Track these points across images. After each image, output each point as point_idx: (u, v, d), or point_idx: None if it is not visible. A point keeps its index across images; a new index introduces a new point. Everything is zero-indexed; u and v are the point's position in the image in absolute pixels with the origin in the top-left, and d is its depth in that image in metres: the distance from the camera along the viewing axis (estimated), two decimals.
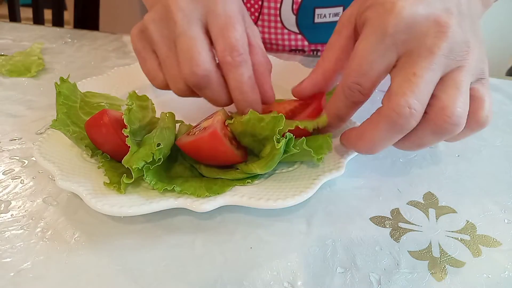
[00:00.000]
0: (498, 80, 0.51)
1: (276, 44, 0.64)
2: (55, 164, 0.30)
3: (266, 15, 0.60)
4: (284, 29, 0.61)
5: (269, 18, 0.61)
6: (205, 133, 0.29)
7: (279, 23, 0.60)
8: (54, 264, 0.26)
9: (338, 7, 0.58)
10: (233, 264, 0.26)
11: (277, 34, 0.62)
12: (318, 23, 0.60)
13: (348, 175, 0.34)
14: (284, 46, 0.63)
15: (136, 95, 0.36)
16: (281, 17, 0.60)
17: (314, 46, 0.63)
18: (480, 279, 0.25)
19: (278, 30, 0.61)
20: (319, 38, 0.62)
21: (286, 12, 0.59)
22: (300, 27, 0.61)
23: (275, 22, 0.61)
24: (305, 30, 0.61)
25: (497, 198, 0.32)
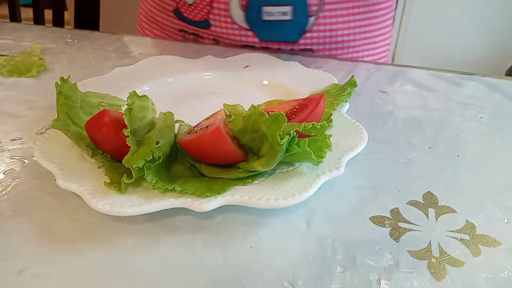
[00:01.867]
0: (498, 80, 0.51)
1: (228, 39, 0.64)
2: (55, 164, 0.30)
3: (216, 10, 0.61)
4: (235, 25, 0.61)
5: (219, 13, 0.61)
6: (208, 130, 0.29)
7: (229, 19, 0.61)
8: (54, 264, 0.26)
9: (286, 6, 0.58)
10: (233, 263, 0.26)
11: (227, 29, 0.62)
12: (266, 21, 0.60)
13: (348, 174, 0.34)
14: (236, 41, 0.63)
15: (137, 95, 0.36)
16: (231, 13, 0.60)
17: (265, 44, 0.63)
18: (480, 278, 0.25)
19: (228, 25, 0.61)
20: (269, 35, 0.62)
21: (234, 8, 0.59)
22: (250, 24, 0.61)
23: (225, 17, 0.61)
24: (255, 27, 0.61)
25: (497, 198, 0.32)
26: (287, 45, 0.62)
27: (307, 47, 0.62)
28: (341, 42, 0.63)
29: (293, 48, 0.63)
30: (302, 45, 0.62)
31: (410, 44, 1.78)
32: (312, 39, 0.61)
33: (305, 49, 0.63)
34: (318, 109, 0.33)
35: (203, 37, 0.66)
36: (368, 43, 0.65)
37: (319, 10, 0.59)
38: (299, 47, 0.62)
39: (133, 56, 0.58)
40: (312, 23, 0.60)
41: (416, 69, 0.55)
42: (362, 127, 0.35)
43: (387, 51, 0.70)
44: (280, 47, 0.63)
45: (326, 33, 0.61)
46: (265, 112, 0.30)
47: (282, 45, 0.62)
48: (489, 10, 1.64)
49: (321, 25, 0.60)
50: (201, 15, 0.62)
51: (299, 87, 0.45)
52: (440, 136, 0.40)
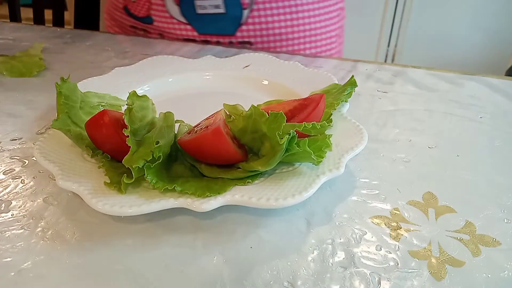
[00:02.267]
0: (498, 80, 0.51)
1: (171, 33, 0.65)
2: (55, 164, 0.30)
3: (155, 5, 0.62)
4: (173, 19, 0.63)
5: (157, 8, 0.63)
6: (208, 130, 0.29)
7: (167, 13, 0.62)
8: (54, 263, 0.26)
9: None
10: (233, 263, 0.26)
11: (168, 24, 0.63)
12: (201, 14, 0.61)
13: (348, 174, 0.34)
14: (177, 35, 0.65)
15: (137, 95, 0.36)
16: (167, 8, 0.61)
17: (204, 37, 0.64)
18: (480, 278, 0.25)
19: (168, 20, 0.63)
20: (206, 29, 0.63)
21: (169, 3, 0.61)
22: (187, 18, 0.62)
23: (163, 12, 0.62)
24: (192, 21, 0.62)
25: (497, 198, 0.32)
26: (225, 38, 0.64)
27: (244, 39, 0.63)
28: (279, 34, 0.63)
29: (232, 41, 0.64)
30: (240, 38, 0.63)
31: (410, 44, 1.78)
32: (249, 32, 0.62)
33: (243, 41, 0.64)
34: (318, 109, 0.33)
35: (150, 32, 0.67)
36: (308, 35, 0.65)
37: (253, 3, 0.60)
38: (237, 39, 0.63)
39: (133, 56, 0.58)
40: (247, 16, 0.61)
41: (416, 69, 0.55)
42: (362, 127, 0.35)
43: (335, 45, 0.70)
44: (219, 40, 0.64)
45: (262, 25, 0.62)
46: (265, 112, 0.30)
47: (220, 38, 0.64)
48: (489, 10, 1.64)
49: (256, 17, 0.61)
50: (144, 11, 0.65)
51: (299, 87, 0.45)
52: (440, 136, 0.40)
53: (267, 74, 0.48)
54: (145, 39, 0.66)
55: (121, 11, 0.70)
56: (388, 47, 1.83)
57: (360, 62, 0.57)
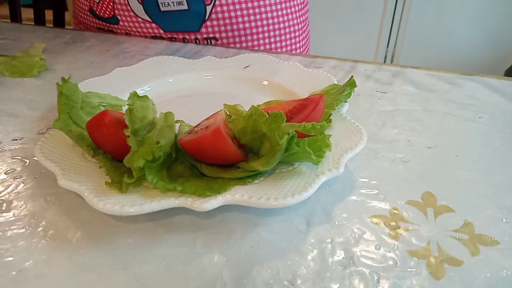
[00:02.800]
0: (498, 81, 0.51)
1: (137, 32, 0.66)
2: (56, 164, 0.30)
3: (119, 5, 0.63)
4: (138, 18, 0.63)
5: (121, 8, 0.63)
6: (208, 130, 0.29)
7: (132, 12, 0.62)
8: (55, 263, 0.26)
9: None
10: (233, 263, 0.26)
11: (134, 23, 0.64)
12: (165, 12, 0.61)
13: (347, 174, 0.34)
14: (144, 33, 0.65)
15: (137, 95, 0.36)
16: (131, 7, 0.62)
17: (170, 34, 0.64)
18: (478, 278, 0.25)
19: (133, 19, 0.63)
20: (171, 26, 0.64)
21: (133, 1, 0.61)
22: (151, 16, 0.62)
23: (128, 11, 0.63)
24: (156, 19, 0.63)
25: (495, 198, 0.32)
26: (190, 35, 0.64)
27: (210, 35, 0.64)
28: (243, 29, 0.64)
29: (197, 38, 0.64)
30: (205, 34, 0.64)
31: (410, 44, 1.79)
32: (213, 27, 0.63)
33: (208, 37, 0.64)
34: (317, 109, 0.33)
35: (117, 33, 0.68)
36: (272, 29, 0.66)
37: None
38: (202, 36, 0.64)
39: (133, 56, 0.59)
40: (210, 11, 0.61)
41: (415, 69, 0.55)
42: (361, 127, 0.35)
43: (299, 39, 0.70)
44: (185, 36, 0.64)
45: (226, 20, 0.62)
46: (265, 113, 0.30)
47: (186, 34, 0.64)
48: (488, 10, 1.64)
49: (219, 13, 0.62)
50: (109, 12, 0.65)
51: (299, 87, 0.45)
52: (439, 136, 0.40)
53: (267, 74, 0.49)
54: (145, 39, 0.66)
55: (86, 13, 0.70)
56: (387, 48, 1.83)
57: (359, 63, 0.57)
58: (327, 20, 1.78)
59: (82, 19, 0.72)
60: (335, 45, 1.83)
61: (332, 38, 1.81)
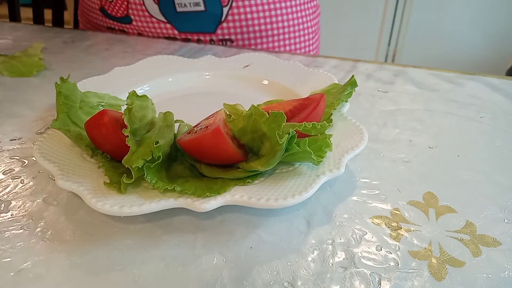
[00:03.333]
0: (498, 80, 0.51)
1: (150, 32, 0.65)
2: (55, 164, 0.30)
3: (133, 4, 0.62)
4: (153, 18, 0.63)
5: (136, 8, 0.63)
6: (208, 130, 0.29)
7: (146, 12, 0.62)
8: (54, 264, 0.26)
9: None
10: (233, 264, 0.26)
11: (148, 23, 0.64)
12: (181, 12, 0.61)
13: (348, 174, 0.34)
14: (158, 34, 0.65)
15: (136, 94, 0.36)
16: (146, 7, 0.62)
17: (185, 35, 0.64)
18: (480, 279, 0.25)
19: (147, 19, 0.63)
20: (186, 27, 0.63)
21: (148, 2, 0.61)
22: (166, 16, 0.62)
23: (142, 11, 0.63)
24: (171, 19, 0.63)
25: (497, 198, 0.32)
26: (205, 36, 0.64)
27: (225, 37, 0.64)
28: (259, 31, 0.64)
29: (213, 39, 0.64)
30: (220, 35, 0.64)
31: (410, 44, 1.78)
32: (229, 29, 0.63)
33: (223, 39, 0.64)
34: (318, 109, 0.33)
35: (128, 33, 0.68)
36: (287, 32, 0.66)
37: (232, 0, 0.60)
38: (217, 37, 0.64)
39: (132, 55, 0.58)
40: (227, 13, 0.61)
41: (416, 68, 0.55)
42: (362, 127, 0.35)
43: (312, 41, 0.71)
44: (200, 37, 0.64)
45: (242, 22, 0.62)
46: (265, 112, 0.30)
47: (201, 35, 0.64)
48: (490, 10, 1.64)
49: (236, 14, 0.62)
50: (122, 11, 0.65)
51: (299, 87, 0.45)
52: (440, 136, 0.40)
53: (267, 74, 0.48)
54: (145, 39, 0.65)
55: (97, 13, 0.70)
56: (389, 47, 1.83)
57: (360, 62, 0.57)
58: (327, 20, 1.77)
59: (91, 19, 0.72)
60: (336, 45, 1.82)
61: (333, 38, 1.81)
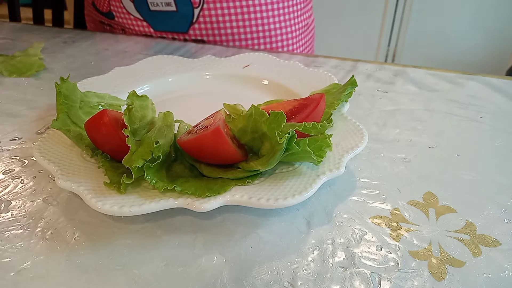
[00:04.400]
0: (498, 80, 0.51)
1: (130, 28, 0.67)
2: (55, 164, 0.30)
3: (113, 1, 0.64)
4: (131, 16, 0.64)
5: (116, 4, 0.64)
6: (208, 130, 0.29)
7: (124, 10, 0.64)
8: (54, 264, 0.26)
9: None
10: (233, 264, 0.26)
11: (127, 20, 0.65)
12: (155, 11, 0.63)
13: (348, 174, 0.34)
14: (136, 31, 0.66)
15: (136, 94, 0.36)
16: (123, 4, 0.63)
17: (160, 34, 0.65)
18: (480, 279, 0.25)
19: (126, 16, 0.65)
20: (161, 26, 0.65)
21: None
22: (142, 14, 0.64)
23: (121, 8, 0.64)
24: (147, 17, 0.64)
25: (497, 198, 0.32)
26: (179, 35, 0.65)
27: (197, 37, 0.65)
28: (231, 34, 0.64)
29: (186, 39, 0.65)
30: (193, 36, 0.65)
31: (410, 44, 1.78)
32: (201, 30, 0.64)
33: (196, 39, 0.65)
34: (318, 109, 0.33)
35: (114, 27, 0.69)
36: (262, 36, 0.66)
37: (203, 2, 0.61)
38: (190, 37, 0.65)
39: (132, 55, 0.58)
40: (198, 14, 0.62)
41: (416, 69, 0.55)
42: (362, 127, 0.35)
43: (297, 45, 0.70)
44: (174, 37, 0.65)
45: (214, 24, 0.63)
46: (265, 112, 0.30)
47: (175, 35, 0.65)
48: (489, 10, 1.64)
49: (207, 16, 0.62)
50: (106, 7, 0.67)
51: (299, 87, 0.45)
52: (440, 136, 0.40)
53: (267, 74, 0.48)
54: (145, 39, 0.65)
55: (90, 6, 0.72)
56: (389, 47, 1.83)
57: (360, 62, 0.57)
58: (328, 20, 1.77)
59: (88, 12, 0.74)
60: (336, 45, 1.82)
61: (333, 38, 1.81)
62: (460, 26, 1.70)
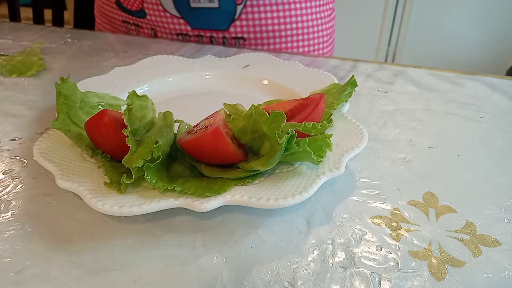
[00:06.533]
0: (498, 80, 0.51)
1: (164, 27, 0.65)
2: (55, 164, 0.30)
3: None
4: (166, 13, 0.63)
5: (151, 1, 0.63)
6: (208, 130, 0.29)
7: (160, 7, 0.62)
8: (54, 264, 0.26)
9: None
10: (233, 263, 0.26)
11: (161, 18, 0.64)
12: (195, 8, 0.61)
13: (348, 174, 0.34)
14: (170, 30, 0.65)
15: (136, 94, 0.36)
16: (160, 1, 0.62)
17: (197, 32, 0.64)
18: (480, 279, 0.25)
19: (161, 13, 0.63)
20: (199, 23, 0.63)
21: None
22: (180, 11, 0.62)
23: (156, 5, 0.62)
24: (185, 15, 0.63)
25: (497, 198, 0.32)
26: (218, 33, 0.64)
27: (238, 35, 0.64)
28: (272, 31, 0.64)
29: (225, 36, 0.64)
30: (233, 33, 0.64)
31: (410, 43, 1.78)
32: (242, 27, 0.63)
33: (236, 37, 0.64)
34: (318, 109, 0.33)
35: (142, 27, 0.68)
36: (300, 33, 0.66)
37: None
38: (230, 35, 0.64)
39: (132, 55, 0.58)
40: (240, 11, 0.61)
41: (416, 68, 0.55)
42: (362, 127, 0.35)
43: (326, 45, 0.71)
44: (213, 35, 0.64)
45: (255, 21, 0.63)
46: (265, 112, 0.30)
47: (214, 32, 0.64)
48: (489, 10, 1.64)
49: (249, 13, 0.62)
50: (137, 5, 0.65)
51: (299, 87, 0.45)
52: (440, 136, 0.40)
53: (267, 74, 0.48)
54: (144, 39, 0.65)
55: (112, 6, 0.70)
56: (388, 47, 1.83)
57: (360, 62, 0.57)
58: None
59: (107, 12, 0.72)
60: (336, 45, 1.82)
61: None
62: (460, 26, 1.70)
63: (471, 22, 1.68)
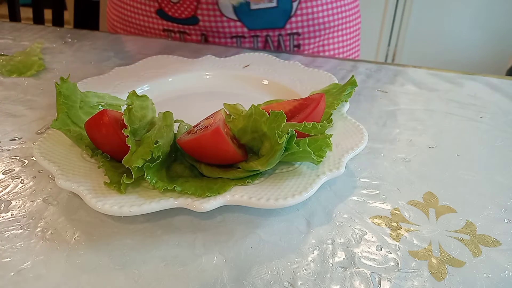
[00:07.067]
0: (498, 80, 0.51)
1: (217, 31, 0.65)
2: (55, 164, 0.30)
3: (204, 4, 0.63)
4: (223, 17, 0.63)
5: (207, 7, 0.63)
6: (208, 130, 0.29)
7: (218, 11, 0.63)
8: (54, 264, 0.26)
9: None
10: (233, 263, 0.26)
11: (217, 22, 0.64)
12: (255, 10, 0.62)
13: (348, 174, 0.34)
14: (225, 33, 0.65)
15: (136, 94, 0.36)
16: (219, 6, 0.62)
17: (254, 32, 0.65)
18: (480, 278, 0.25)
19: (217, 18, 0.63)
20: (257, 24, 0.64)
21: (224, 1, 0.61)
22: (238, 15, 0.63)
23: (213, 11, 0.63)
24: (243, 17, 0.63)
25: (497, 198, 0.32)
26: (274, 31, 0.65)
27: (293, 31, 0.65)
28: (323, 23, 0.66)
29: (281, 34, 0.65)
30: (289, 30, 0.65)
31: (410, 44, 1.78)
32: (297, 23, 0.64)
33: (291, 33, 0.65)
34: (318, 109, 0.33)
35: (190, 34, 0.67)
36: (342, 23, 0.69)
37: None
38: (286, 31, 0.65)
39: (132, 55, 0.58)
40: (296, 8, 0.63)
41: (416, 68, 0.55)
42: (362, 127, 0.35)
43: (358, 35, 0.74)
44: (269, 33, 0.65)
45: (309, 16, 0.64)
46: (265, 112, 0.30)
47: (270, 31, 0.65)
48: (489, 10, 1.64)
49: (304, 8, 0.63)
50: (188, 12, 0.64)
51: (299, 87, 0.45)
52: (440, 136, 0.40)
53: (267, 74, 0.48)
54: (145, 39, 0.65)
55: (151, 16, 0.67)
56: (389, 47, 1.83)
57: (360, 62, 0.57)
58: None
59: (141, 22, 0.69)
60: None
61: None
62: (460, 26, 1.70)
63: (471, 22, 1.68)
